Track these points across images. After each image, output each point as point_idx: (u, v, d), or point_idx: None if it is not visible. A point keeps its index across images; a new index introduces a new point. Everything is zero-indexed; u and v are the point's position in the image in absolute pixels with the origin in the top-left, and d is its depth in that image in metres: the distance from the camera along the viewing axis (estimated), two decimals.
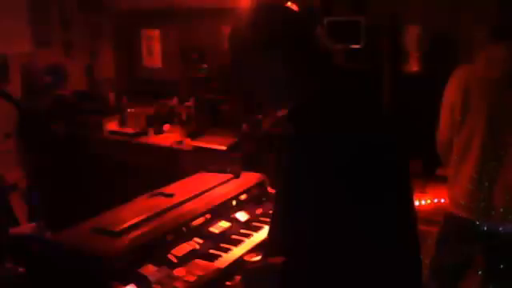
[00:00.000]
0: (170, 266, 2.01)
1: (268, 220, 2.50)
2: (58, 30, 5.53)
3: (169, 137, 4.59)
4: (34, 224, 2.57)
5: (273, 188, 2.70)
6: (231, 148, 4.01)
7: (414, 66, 4.06)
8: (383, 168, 1.37)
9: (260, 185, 2.70)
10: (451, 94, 2.47)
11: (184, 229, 2.21)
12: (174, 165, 4.19)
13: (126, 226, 2.04)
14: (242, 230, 2.40)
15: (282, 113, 1.53)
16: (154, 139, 4.64)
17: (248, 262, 2.06)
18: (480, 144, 2.36)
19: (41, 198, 3.91)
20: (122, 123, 4.97)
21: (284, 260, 1.35)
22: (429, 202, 3.27)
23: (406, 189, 1.47)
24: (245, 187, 2.62)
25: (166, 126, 4.83)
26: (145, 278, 1.90)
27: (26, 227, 2.62)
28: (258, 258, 1.91)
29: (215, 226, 2.34)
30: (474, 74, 2.40)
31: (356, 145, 1.33)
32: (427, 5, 3.92)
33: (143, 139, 4.68)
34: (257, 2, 1.50)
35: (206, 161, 3.68)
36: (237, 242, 2.28)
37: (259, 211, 2.58)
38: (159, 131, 4.75)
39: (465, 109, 2.40)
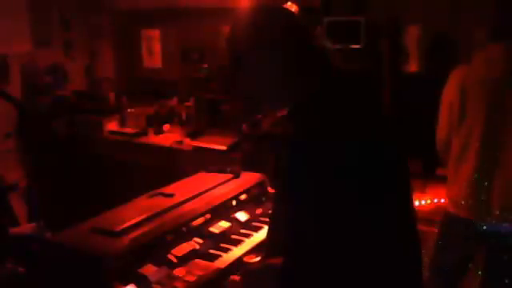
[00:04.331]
0: (170, 266, 2.01)
1: (268, 220, 2.51)
2: (58, 29, 5.53)
3: (169, 137, 4.60)
4: (33, 224, 2.57)
5: (273, 188, 2.70)
6: (231, 148, 4.01)
7: (413, 66, 4.07)
8: (383, 167, 1.38)
9: (260, 185, 2.70)
10: (449, 94, 2.47)
11: (184, 229, 2.21)
12: (174, 165, 4.19)
13: (126, 225, 2.04)
14: (241, 230, 2.40)
15: (282, 113, 1.54)
16: (154, 139, 4.64)
17: (248, 263, 2.05)
18: (478, 144, 2.36)
19: (41, 198, 3.91)
20: (122, 123, 4.97)
21: (284, 260, 1.35)
22: (429, 202, 3.27)
23: (406, 188, 1.47)
24: (245, 187, 2.62)
25: (166, 126, 4.83)
26: (145, 278, 1.90)
27: (26, 227, 2.63)
28: (258, 258, 1.92)
29: (215, 225, 2.34)
30: (473, 74, 2.40)
31: (356, 145, 1.33)
32: (427, 5, 3.92)
33: (143, 139, 4.68)
34: (256, 3, 1.50)
35: (206, 161, 3.69)
36: (237, 242, 2.28)
37: (259, 211, 2.58)
38: (159, 131, 4.75)
39: (463, 109, 2.40)
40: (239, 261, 2.16)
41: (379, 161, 1.37)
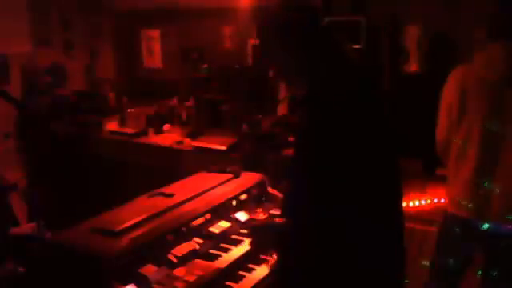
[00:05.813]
0: (170, 266, 2.01)
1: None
2: (58, 29, 5.53)
3: (169, 137, 4.59)
4: (33, 224, 2.57)
5: (273, 188, 2.71)
6: (231, 148, 4.01)
7: (413, 66, 4.07)
8: (385, 151, 1.54)
9: (260, 185, 2.70)
10: (449, 95, 2.47)
11: (184, 229, 2.21)
12: (174, 165, 4.19)
13: (126, 226, 2.04)
14: (242, 230, 2.39)
15: (281, 113, 1.70)
16: (154, 139, 4.64)
17: (255, 219, 2.41)
18: (478, 144, 2.36)
19: (41, 198, 3.91)
20: (122, 123, 4.97)
21: (286, 220, 1.56)
22: (429, 202, 3.27)
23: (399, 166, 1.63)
24: (245, 187, 2.62)
25: (166, 126, 4.83)
26: (145, 277, 1.90)
27: (26, 227, 2.62)
28: (264, 216, 2.36)
29: (215, 225, 2.34)
30: (472, 73, 2.40)
31: (362, 128, 1.47)
32: (427, 5, 3.92)
33: (143, 139, 4.68)
34: (256, 3, 1.61)
35: (206, 161, 3.68)
36: (237, 242, 2.28)
37: (259, 211, 2.57)
38: (159, 131, 4.75)
39: (462, 109, 2.40)
40: (239, 261, 2.16)
41: (386, 145, 1.53)
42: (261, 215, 2.48)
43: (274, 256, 2.12)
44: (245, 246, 2.26)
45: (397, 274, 1.59)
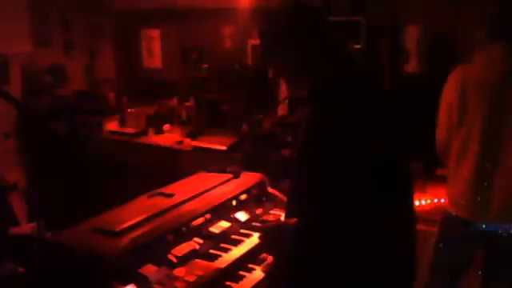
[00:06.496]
0: (170, 266, 2.01)
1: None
2: (58, 30, 5.53)
3: (169, 137, 4.60)
4: (33, 224, 2.57)
5: (273, 188, 2.71)
6: (231, 148, 4.01)
7: (413, 66, 4.07)
8: (389, 152, 1.53)
9: (260, 185, 2.70)
10: (449, 95, 2.47)
11: (184, 229, 2.21)
12: (174, 165, 4.19)
13: (126, 226, 2.04)
14: (241, 230, 2.40)
15: (281, 113, 1.68)
16: (154, 139, 4.64)
17: (267, 220, 2.40)
18: (477, 144, 2.36)
19: (41, 198, 3.91)
20: (122, 123, 4.97)
21: (298, 221, 1.52)
22: (429, 201, 3.27)
23: (409, 170, 1.64)
24: (245, 187, 2.62)
25: (166, 126, 4.83)
26: (145, 277, 1.90)
27: (26, 227, 2.62)
28: (272, 218, 2.36)
29: (215, 225, 2.34)
30: (472, 74, 2.40)
31: (365, 125, 1.47)
32: (427, 5, 3.92)
33: (143, 139, 4.68)
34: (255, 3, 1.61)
35: (206, 161, 3.68)
36: (237, 242, 2.28)
37: (259, 211, 2.58)
38: (159, 131, 4.75)
39: (462, 109, 2.40)
40: (239, 261, 2.16)
41: (384, 143, 1.51)
42: (271, 217, 2.46)
43: (270, 258, 2.09)
44: (245, 246, 2.26)
45: (400, 275, 1.58)
